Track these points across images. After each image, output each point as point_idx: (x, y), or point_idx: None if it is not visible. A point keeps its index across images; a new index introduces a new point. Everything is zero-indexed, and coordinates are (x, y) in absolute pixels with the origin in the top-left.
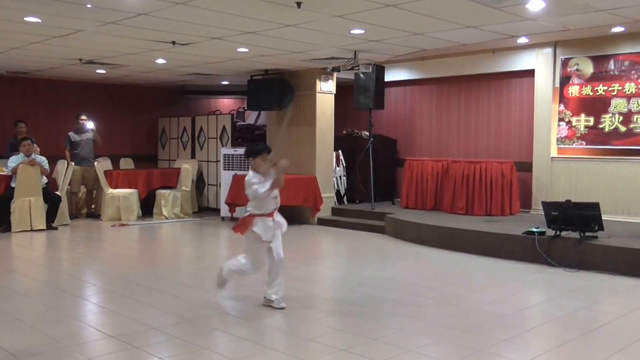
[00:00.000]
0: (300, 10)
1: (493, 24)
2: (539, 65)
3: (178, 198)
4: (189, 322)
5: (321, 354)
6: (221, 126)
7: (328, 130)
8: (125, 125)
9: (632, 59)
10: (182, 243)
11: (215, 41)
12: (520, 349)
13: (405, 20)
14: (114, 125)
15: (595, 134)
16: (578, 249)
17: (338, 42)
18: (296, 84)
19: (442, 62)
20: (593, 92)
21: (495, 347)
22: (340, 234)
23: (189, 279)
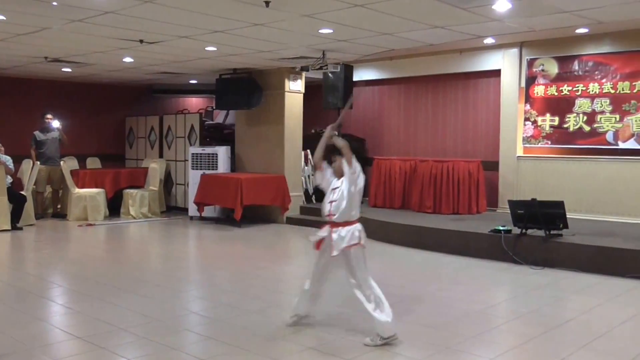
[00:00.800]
0: (268, 9)
1: (460, 25)
2: (505, 65)
3: (146, 198)
4: (158, 322)
5: (291, 352)
6: (189, 125)
7: (297, 129)
8: (92, 124)
9: (595, 60)
10: (150, 243)
11: (183, 40)
12: (487, 345)
13: (373, 20)
14: (81, 124)
15: (560, 133)
16: (543, 246)
17: (306, 42)
18: (265, 83)
19: (410, 62)
20: (558, 92)
21: (463, 344)
22: (308, 232)
23: (157, 279)
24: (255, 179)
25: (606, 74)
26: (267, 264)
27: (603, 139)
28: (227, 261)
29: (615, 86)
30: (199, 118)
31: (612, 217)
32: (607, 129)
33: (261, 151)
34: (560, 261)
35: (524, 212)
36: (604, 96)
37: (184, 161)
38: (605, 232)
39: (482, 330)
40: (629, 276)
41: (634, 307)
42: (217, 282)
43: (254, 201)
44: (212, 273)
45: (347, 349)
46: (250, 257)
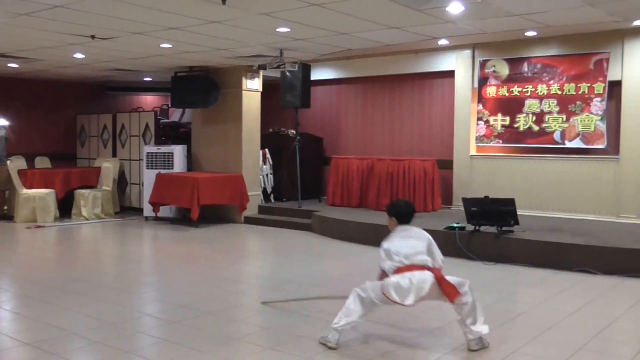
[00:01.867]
0: (225, 6)
1: (415, 26)
2: (459, 66)
3: (98, 198)
4: (111, 326)
5: (248, 353)
6: (144, 124)
7: (254, 128)
8: (41, 122)
9: (543, 62)
10: (104, 244)
11: (137, 36)
12: (442, 340)
13: (330, 20)
14: (29, 122)
15: (511, 132)
16: (496, 243)
17: (264, 40)
18: (222, 81)
19: (367, 62)
20: (509, 92)
21: (419, 339)
22: (267, 232)
23: (111, 281)
24: (213, 178)
25: (553, 75)
26: (225, 264)
27: (551, 139)
28: (183, 262)
29: (562, 87)
30: (154, 116)
31: (559, 213)
32: (554, 128)
33: (218, 150)
34: (511, 257)
35: (477, 209)
36: (551, 97)
37: (139, 160)
38: (554, 227)
39: (438, 326)
40: (576, 270)
41: (581, 299)
42: (172, 284)
43: (211, 201)
44: (168, 274)
45: (306, 348)
46: (207, 257)
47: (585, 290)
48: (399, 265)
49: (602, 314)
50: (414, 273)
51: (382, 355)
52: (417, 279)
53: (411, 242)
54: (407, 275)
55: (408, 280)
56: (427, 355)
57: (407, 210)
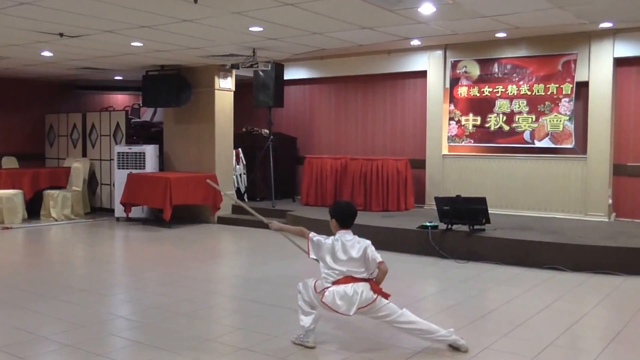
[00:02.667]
0: (197, 5)
1: (388, 26)
2: (431, 66)
3: (68, 199)
4: (82, 329)
5: (222, 354)
6: (115, 123)
7: (227, 127)
8: (7, 121)
9: (513, 63)
10: (73, 245)
11: (107, 34)
12: (415, 338)
13: (303, 20)
14: None
15: (482, 132)
16: (467, 241)
17: (237, 39)
18: (194, 81)
19: (340, 62)
20: (480, 93)
21: (393, 338)
22: (240, 232)
23: (81, 284)
24: (185, 178)
25: (523, 76)
26: (198, 264)
27: (521, 138)
28: (155, 263)
29: (531, 88)
30: (125, 116)
31: (530, 212)
32: (524, 128)
33: (191, 150)
34: (483, 255)
35: (449, 208)
36: (521, 97)
37: (110, 160)
38: (524, 226)
39: None
40: (545, 267)
41: (551, 296)
42: (145, 285)
43: (183, 201)
44: (140, 275)
45: (280, 349)
46: (179, 258)
47: (555, 287)
48: (338, 277)
49: (571, 310)
50: (350, 285)
51: (358, 352)
52: (353, 290)
53: (349, 252)
54: (343, 287)
55: (343, 291)
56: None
57: (348, 213)
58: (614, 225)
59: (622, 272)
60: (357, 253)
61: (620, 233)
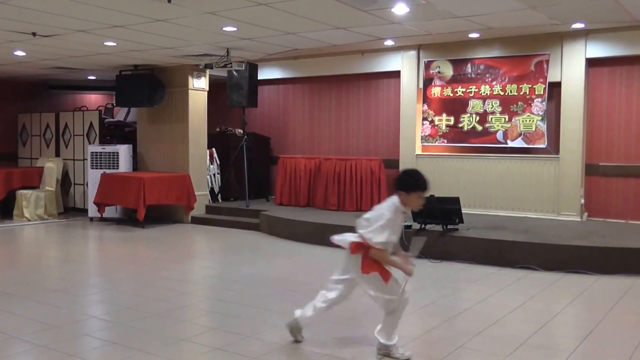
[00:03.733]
0: (170, 5)
1: (361, 26)
2: (404, 67)
3: (41, 198)
4: (55, 329)
5: (196, 354)
6: (88, 123)
7: (201, 127)
8: None
9: (486, 63)
10: (47, 246)
11: (80, 34)
12: None
13: (277, 20)
14: None
15: (455, 132)
16: (441, 241)
17: (210, 39)
18: (167, 80)
19: (314, 62)
20: (453, 93)
21: (367, 337)
22: (214, 232)
23: (54, 284)
24: (159, 178)
25: (496, 76)
26: (172, 265)
27: (494, 138)
28: (129, 263)
29: (504, 88)
30: (99, 115)
31: (503, 211)
32: (497, 128)
33: (165, 150)
34: (457, 254)
35: (422, 208)
36: (494, 98)
37: (83, 160)
38: (497, 225)
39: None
40: (518, 266)
41: (523, 295)
42: (118, 285)
43: (157, 201)
44: (114, 275)
45: (254, 348)
46: (153, 258)
47: (528, 286)
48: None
49: (543, 309)
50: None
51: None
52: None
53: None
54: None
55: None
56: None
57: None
58: (586, 224)
59: (594, 272)
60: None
61: (592, 232)
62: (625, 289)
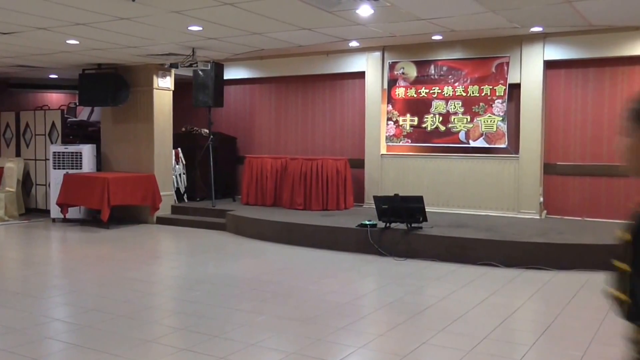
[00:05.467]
0: (134, 3)
1: (326, 27)
2: (369, 67)
3: (2, 199)
4: (17, 332)
5: (162, 355)
6: (50, 122)
7: (166, 127)
8: None
9: (449, 65)
10: (7, 247)
11: (41, 31)
12: (356, 335)
13: (242, 19)
14: None
15: (419, 132)
16: (405, 239)
17: (175, 38)
18: (132, 80)
19: (280, 62)
20: (417, 94)
21: (333, 335)
22: (180, 232)
23: (15, 286)
24: (123, 178)
25: (458, 78)
26: (137, 265)
27: (456, 138)
28: (93, 264)
29: (466, 89)
30: (61, 115)
31: (465, 209)
32: (459, 129)
33: (129, 149)
34: (420, 252)
35: (387, 207)
36: (456, 99)
37: (45, 160)
38: (460, 223)
39: (351, 321)
40: (480, 263)
41: (485, 291)
42: (82, 287)
43: (122, 201)
44: (77, 277)
45: (220, 348)
46: (118, 259)
47: (489, 282)
48: None
49: (504, 305)
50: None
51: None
52: None
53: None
54: None
55: None
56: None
57: None
58: (544, 222)
59: (552, 267)
60: None
61: (550, 230)
62: (581, 284)
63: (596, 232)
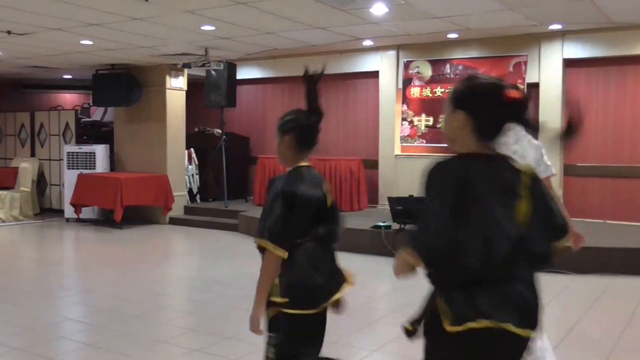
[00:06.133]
0: (147, 3)
1: (340, 26)
2: (384, 67)
3: (16, 199)
4: (32, 332)
5: (175, 355)
6: (64, 122)
7: (179, 127)
8: None
9: (464, 64)
10: (22, 247)
11: (55, 32)
12: (370, 338)
13: (255, 19)
14: None
15: (434, 132)
16: None
17: (188, 38)
18: (145, 80)
19: (293, 62)
20: (432, 93)
21: (347, 337)
22: (192, 233)
23: (30, 286)
24: (136, 178)
25: None
26: (149, 266)
27: None
28: (106, 264)
29: None
30: (75, 115)
31: None
32: None
33: (142, 150)
34: None
35: (402, 208)
36: None
37: (59, 160)
38: None
39: (365, 324)
40: None
41: None
42: (95, 287)
43: (135, 201)
44: (91, 277)
45: (233, 350)
46: (131, 259)
47: None
48: None
49: None
50: None
51: None
52: None
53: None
54: None
55: None
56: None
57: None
58: None
59: (571, 271)
60: None
61: None
62: (603, 289)
63: (617, 235)
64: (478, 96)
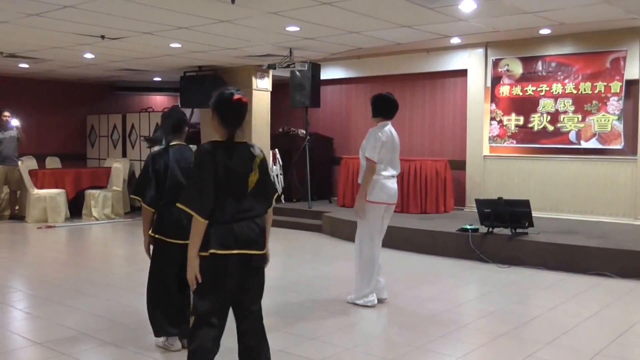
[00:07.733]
0: (234, 6)
1: (426, 24)
2: (471, 65)
3: (109, 198)
4: (122, 327)
5: None
6: (154, 124)
7: (264, 128)
8: (51, 122)
9: (558, 61)
10: (114, 245)
11: (146, 36)
12: (455, 344)
13: (340, 19)
14: (39, 122)
15: (525, 132)
16: (509, 245)
17: (273, 39)
18: (231, 81)
19: (377, 61)
20: (522, 92)
21: (432, 343)
22: (276, 233)
23: (121, 282)
24: None
25: (568, 74)
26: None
27: (566, 139)
28: None
29: (577, 87)
30: None
31: (575, 215)
32: (570, 128)
33: None
34: (525, 259)
35: (490, 210)
36: (566, 96)
37: None
38: (569, 230)
39: (450, 330)
40: (591, 273)
41: (597, 303)
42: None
43: None
44: None
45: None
46: None
47: (601, 293)
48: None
49: (619, 318)
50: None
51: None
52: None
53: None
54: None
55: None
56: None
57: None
58: None
59: None
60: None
61: None
62: None
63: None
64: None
